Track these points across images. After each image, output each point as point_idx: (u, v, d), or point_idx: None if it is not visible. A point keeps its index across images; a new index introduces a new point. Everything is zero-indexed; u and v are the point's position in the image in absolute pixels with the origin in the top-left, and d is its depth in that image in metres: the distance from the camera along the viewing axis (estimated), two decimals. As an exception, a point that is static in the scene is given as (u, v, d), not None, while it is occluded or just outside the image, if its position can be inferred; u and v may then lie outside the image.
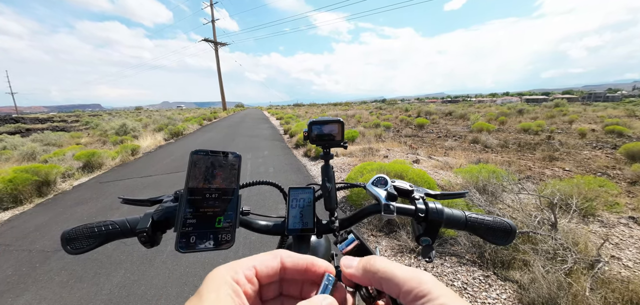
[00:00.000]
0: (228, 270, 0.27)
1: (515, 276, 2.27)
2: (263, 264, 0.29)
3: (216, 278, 0.26)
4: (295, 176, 5.64)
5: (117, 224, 0.59)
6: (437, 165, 6.17)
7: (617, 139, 9.32)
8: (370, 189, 0.69)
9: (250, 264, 0.28)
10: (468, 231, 0.63)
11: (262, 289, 0.29)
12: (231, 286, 0.26)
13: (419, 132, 13.28)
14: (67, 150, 7.70)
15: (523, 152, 8.01)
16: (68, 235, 0.57)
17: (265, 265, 0.29)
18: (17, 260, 2.82)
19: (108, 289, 2.35)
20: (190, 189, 0.47)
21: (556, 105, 25.37)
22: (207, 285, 0.26)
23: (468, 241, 2.68)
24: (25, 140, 10.69)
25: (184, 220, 0.46)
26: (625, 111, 19.07)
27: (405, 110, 28.53)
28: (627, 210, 3.50)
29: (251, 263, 0.28)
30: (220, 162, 0.49)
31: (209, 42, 53.01)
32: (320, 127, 0.74)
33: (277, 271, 0.29)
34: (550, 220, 2.51)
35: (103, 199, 4.63)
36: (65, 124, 26.25)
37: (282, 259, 0.30)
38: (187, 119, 20.73)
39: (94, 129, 15.73)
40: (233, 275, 0.27)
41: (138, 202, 0.70)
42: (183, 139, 12.21)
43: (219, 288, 0.25)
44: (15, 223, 3.81)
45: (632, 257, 2.50)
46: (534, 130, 11.62)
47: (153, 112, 42.13)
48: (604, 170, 5.79)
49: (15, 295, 2.32)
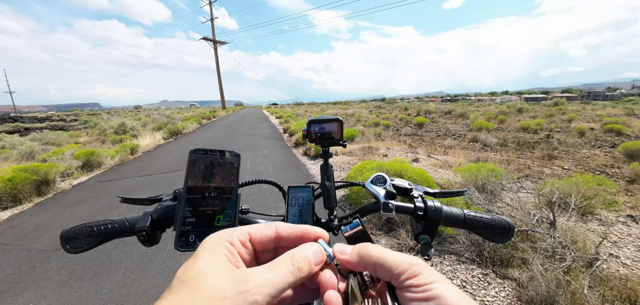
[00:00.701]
0: (223, 234, 0.28)
1: (514, 274, 2.28)
2: (258, 232, 0.30)
3: (211, 240, 0.28)
4: (295, 175, 5.64)
5: (117, 223, 0.59)
6: (436, 164, 6.18)
7: (616, 138, 9.34)
8: (369, 188, 0.69)
9: (245, 231, 0.30)
10: (467, 229, 0.63)
11: (257, 255, 0.30)
12: (226, 247, 0.27)
13: (418, 130, 13.29)
14: (66, 150, 7.68)
15: (522, 151, 8.02)
16: (67, 234, 0.57)
17: (260, 232, 0.30)
18: (17, 260, 2.82)
19: (108, 287, 2.35)
20: (189, 187, 0.47)
21: (555, 104, 25.40)
22: (202, 247, 0.27)
23: (467, 239, 2.69)
24: (24, 140, 10.65)
25: (183, 219, 0.46)
26: (624, 110, 19.11)
27: (404, 109, 28.54)
28: (625, 209, 3.51)
29: (246, 229, 0.30)
30: (219, 161, 0.49)
31: (208, 41, 52.86)
32: (319, 125, 0.74)
33: (271, 239, 0.30)
34: (549, 218, 2.52)
35: (102, 198, 4.63)
36: (64, 123, 26.19)
37: (277, 229, 0.31)
38: (186, 117, 20.70)
39: (92, 128, 15.70)
40: (227, 238, 0.28)
41: (137, 201, 0.70)
42: (182, 138, 12.20)
43: (214, 248, 0.26)
44: (15, 222, 3.80)
45: (631, 255, 2.51)
46: (533, 129, 11.63)
47: (152, 111, 42.05)
48: (602, 169, 5.81)
49: (16, 294, 2.32)
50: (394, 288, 0.27)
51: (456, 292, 0.24)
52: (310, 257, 0.28)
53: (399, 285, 0.26)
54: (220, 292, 0.23)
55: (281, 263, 0.27)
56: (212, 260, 0.25)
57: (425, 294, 0.24)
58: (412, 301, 0.25)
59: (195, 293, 0.22)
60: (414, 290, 0.25)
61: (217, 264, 0.25)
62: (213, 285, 0.23)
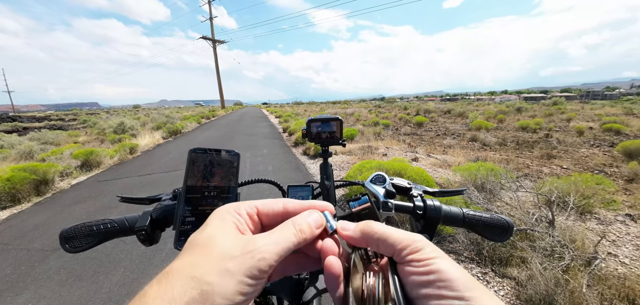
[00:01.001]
0: (231, 206, 0.30)
1: (513, 273, 2.29)
2: (265, 205, 0.31)
3: (220, 210, 0.29)
4: (294, 174, 5.64)
5: (116, 222, 0.59)
6: (435, 163, 6.18)
7: (614, 137, 9.37)
8: (368, 187, 0.69)
9: (252, 204, 0.31)
10: (466, 228, 0.63)
11: (264, 228, 0.32)
12: (234, 216, 0.29)
13: (417, 130, 13.30)
14: (65, 149, 7.66)
15: (521, 150, 8.04)
16: (67, 234, 0.57)
17: (267, 206, 0.31)
18: (16, 259, 2.81)
19: (107, 287, 2.35)
20: (188, 187, 0.47)
21: (554, 104, 25.45)
22: (212, 216, 0.29)
23: (466, 238, 2.70)
24: (23, 139, 10.62)
25: (182, 219, 0.46)
26: (623, 109, 19.17)
27: (404, 108, 28.54)
28: (624, 208, 3.52)
29: (253, 203, 0.31)
30: (218, 160, 0.49)
31: (207, 40, 52.75)
32: (319, 125, 0.74)
33: (279, 213, 0.31)
34: (547, 217, 2.53)
35: (101, 197, 4.62)
36: (63, 123, 26.12)
37: (284, 204, 0.32)
38: (185, 117, 20.66)
39: (91, 128, 15.66)
40: (235, 209, 0.30)
41: (137, 201, 0.70)
42: (181, 137, 12.18)
43: (223, 216, 0.28)
44: (14, 222, 3.79)
45: (629, 254, 2.51)
46: (532, 128, 11.66)
47: (151, 111, 41.96)
48: (601, 168, 5.82)
49: (15, 293, 2.31)
50: (395, 264, 0.27)
51: (457, 267, 0.25)
52: (310, 222, 0.30)
53: (401, 260, 0.27)
54: (229, 252, 0.25)
55: (284, 227, 0.29)
56: (220, 227, 0.27)
57: (426, 268, 0.25)
58: (413, 275, 0.25)
59: (206, 254, 0.24)
60: (415, 265, 0.25)
61: (226, 231, 0.27)
62: (222, 247, 0.25)
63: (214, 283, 0.22)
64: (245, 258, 0.24)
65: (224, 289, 0.22)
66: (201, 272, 0.23)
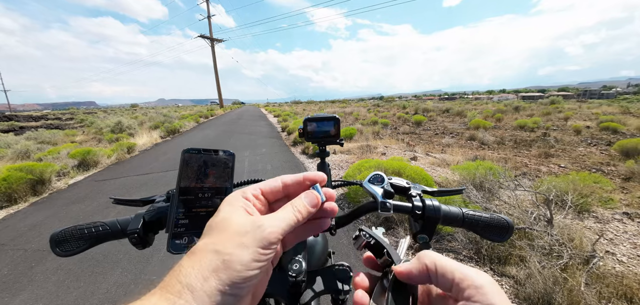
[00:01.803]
0: (238, 192, 0.35)
1: (512, 272, 2.29)
2: (267, 185, 0.37)
3: (230, 197, 0.35)
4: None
5: (108, 225, 0.58)
6: (434, 162, 6.19)
7: (611, 136, 9.42)
8: (366, 187, 0.68)
9: (256, 186, 0.37)
10: (465, 228, 0.62)
11: (271, 206, 0.37)
12: (242, 200, 0.34)
13: (416, 129, 13.31)
14: (62, 149, 7.61)
15: (519, 149, 8.07)
16: (57, 237, 0.55)
17: (269, 185, 0.37)
18: (13, 260, 2.79)
19: (105, 287, 2.33)
20: (182, 188, 0.45)
21: (552, 103, 25.55)
22: (223, 204, 0.34)
23: (465, 237, 2.70)
24: (19, 139, 10.53)
25: (175, 221, 0.45)
26: (620, 108, 19.27)
27: (402, 107, 28.56)
28: (621, 206, 3.54)
29: (257, 185, 0.37)
30: (213, 160, 0.48)
31: (205, 39, 52.54)
32: (316, 124, 0.73)
33: (279, 188, 0.37)
34: (546, 216, 2.53)
35: (99, 197, 4.59)
36: (60, 122, 25.94)
37: (282, 180, 0.37)
38: (183, 116, 20.59)
39: (88, 127, 15.57)
40: (242, 194, 0.35)
41: (130, 202, 0.69)
42: (180, 137, 12.13)
43: (233, 202, 0.33)
44: (10, 222, 3.76)
45: (626, 252, 2.53)
46: (530, 127, 11.70)
47: (149, 110, 41.76)
48: (598, 167, 5.85)
49: (12, 294, 2.29)
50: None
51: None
52: (306, 203, 0.35)
53: (459, 297, 0.28)
54: (242, 229, 0.30)
55: (285, 210, 0.34)
56: (232, 211, 0.32)
57: None
58: None
59: (223, 233, 0.30)
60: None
61: (237, 213, 0.32)
62: (236, 225, 0.30)
63: (233, 253, 0.28)
64: (256, 232, 0.29)
65: (241, 258, 0.28)
66: (222, 247, 0.28)
